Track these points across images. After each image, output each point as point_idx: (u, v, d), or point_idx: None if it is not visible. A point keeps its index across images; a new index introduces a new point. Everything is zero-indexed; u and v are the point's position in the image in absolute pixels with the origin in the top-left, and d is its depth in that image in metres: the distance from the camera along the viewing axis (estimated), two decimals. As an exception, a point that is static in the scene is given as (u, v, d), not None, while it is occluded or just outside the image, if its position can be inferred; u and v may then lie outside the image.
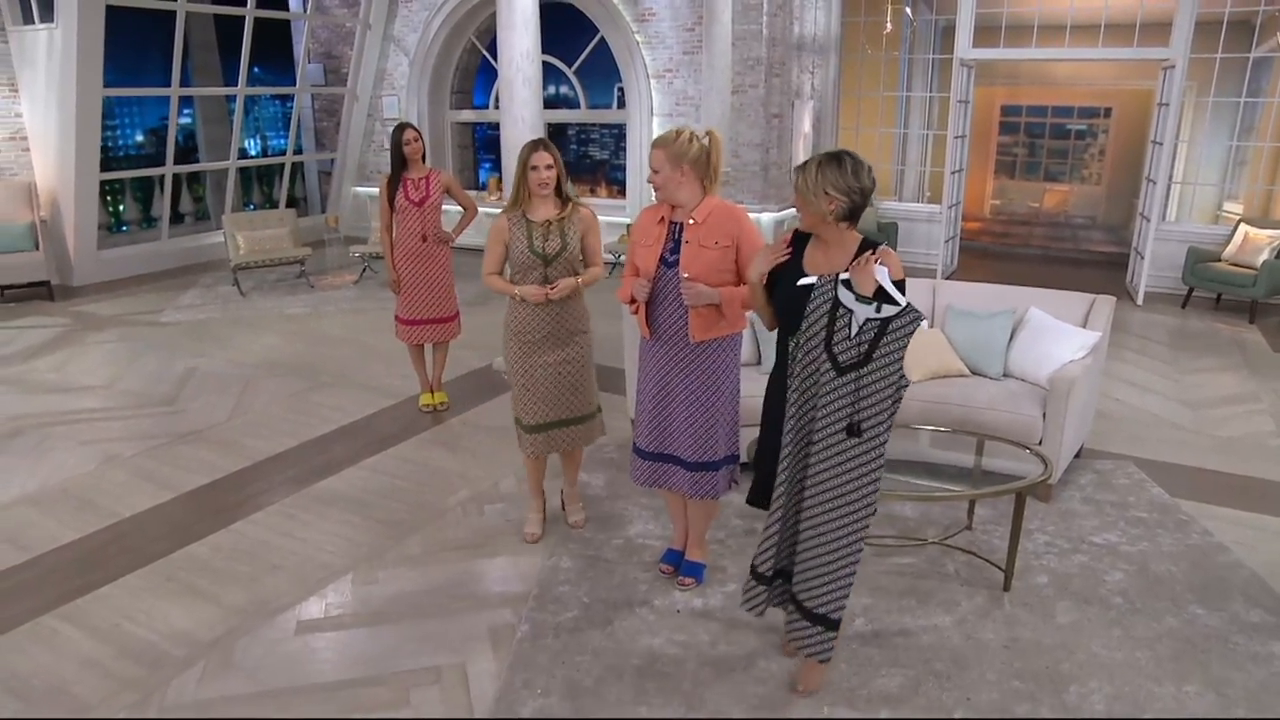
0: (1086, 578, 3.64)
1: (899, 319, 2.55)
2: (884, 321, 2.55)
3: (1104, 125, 13.17)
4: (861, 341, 2.57)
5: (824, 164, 2.64)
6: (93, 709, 2.86)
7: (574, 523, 4.02)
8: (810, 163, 2.68)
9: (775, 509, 2.77)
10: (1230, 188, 9.80)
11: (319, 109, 11.84)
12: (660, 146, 3.14)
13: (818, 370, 2.64)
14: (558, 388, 3.74)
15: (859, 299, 2.56)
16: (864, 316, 2.56)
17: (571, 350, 3.75)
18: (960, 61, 8.85)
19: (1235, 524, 4.12)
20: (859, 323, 2.57)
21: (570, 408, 3.80)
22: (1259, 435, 5.27)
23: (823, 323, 2.62)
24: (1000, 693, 2.94)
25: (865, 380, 2.58)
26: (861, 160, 2.68)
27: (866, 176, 2.67)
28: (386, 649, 3.17)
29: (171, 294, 8.62)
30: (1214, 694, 2.95)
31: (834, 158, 2.67)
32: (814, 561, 2.72)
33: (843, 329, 2.59)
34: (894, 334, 2.55)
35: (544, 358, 3.71)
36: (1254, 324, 7.68)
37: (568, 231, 3.64)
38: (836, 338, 2.60)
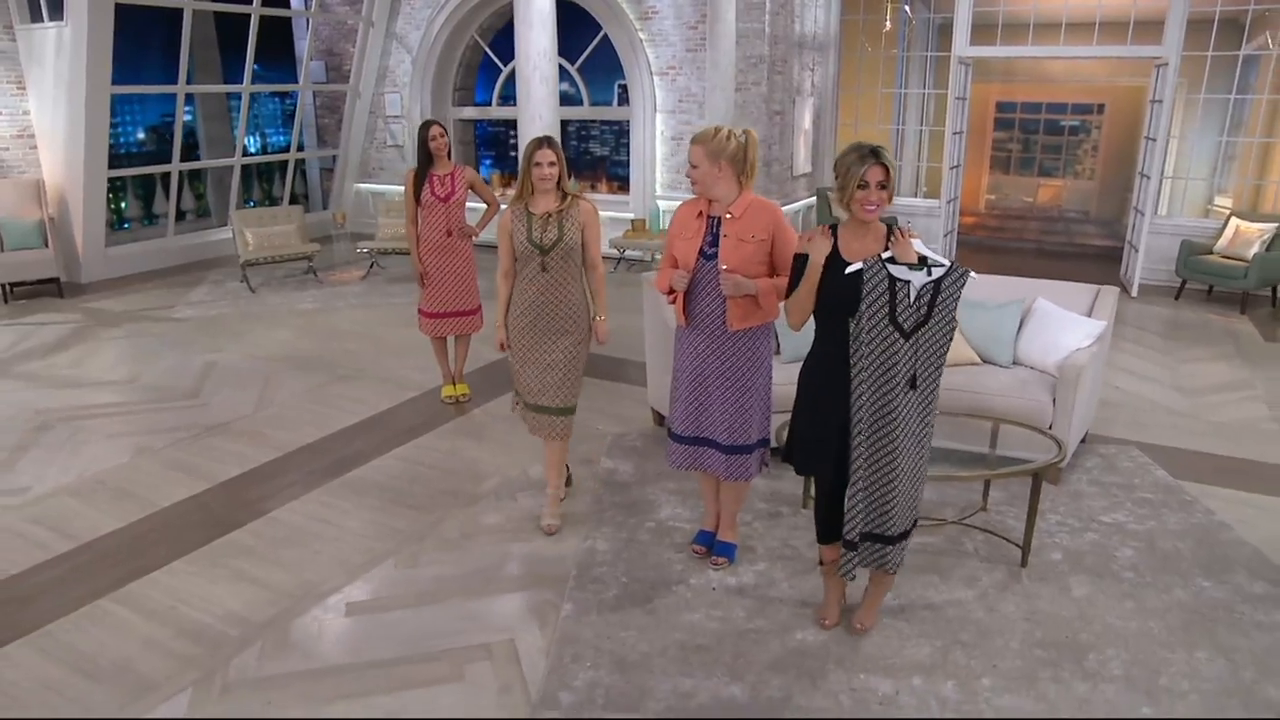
0: (1098, 554, 3.82)
1: (949, 276, 2.83)
2: (937, 282, 2.81)
3: (1097, 121, 13.42)
4: (921, 305, 2.83)
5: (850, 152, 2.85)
6: (158, 686, 2.98)
7: (544, 527, 3.98)
8: (848, 154, 2.86)
9: (856, 481, 2.96)
10: (1220, 182, 10.03)
11: (320, 106, 11.90)
12: (699, 143, 3.27)
13: (887, 340, 2.84)
14: (533, 371, 3.88)
15: (911, 268, 2.80)
16: (920, 282, 2.81)
17: (563, 342, 3.86)
18: (959, 59, 9.03)
19: (1235, 503, 4.31)
20: (916, 289, 2.80)
21: (554, 397, 3.89)
22: (1254, 420, 5.47)
23: (884, 299, 2.82)
24: (1024, 660, 3.11)
25: (924, 338, 2.85)
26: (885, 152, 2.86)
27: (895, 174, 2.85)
28: (435, 628, 3.30)
29: (181, 290, 8.68)
30: (1223, 659, 3.13)
31: (860, 150, 2.84)
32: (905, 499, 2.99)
33: (903, 299, 2.81)
34: (948, 290, 2.83)
35: (531, 340, 3.87)
36: (1245, 314, 7.90)
37: (565, 224, 3.78)
38: (899, 308, 2.82)
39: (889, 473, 2.92)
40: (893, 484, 2.93)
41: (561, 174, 3.76)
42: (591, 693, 2.92)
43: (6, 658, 3.12)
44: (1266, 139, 9.28)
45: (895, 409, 2.87)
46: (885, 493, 2.96)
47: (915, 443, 2.95)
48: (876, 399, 2.89)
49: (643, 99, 9.93)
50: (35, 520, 4.12)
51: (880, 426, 2.89)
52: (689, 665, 3.06)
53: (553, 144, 3.76)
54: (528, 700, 2.89)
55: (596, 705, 2.86)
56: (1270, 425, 5.38)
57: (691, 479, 4.49)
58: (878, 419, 2.89)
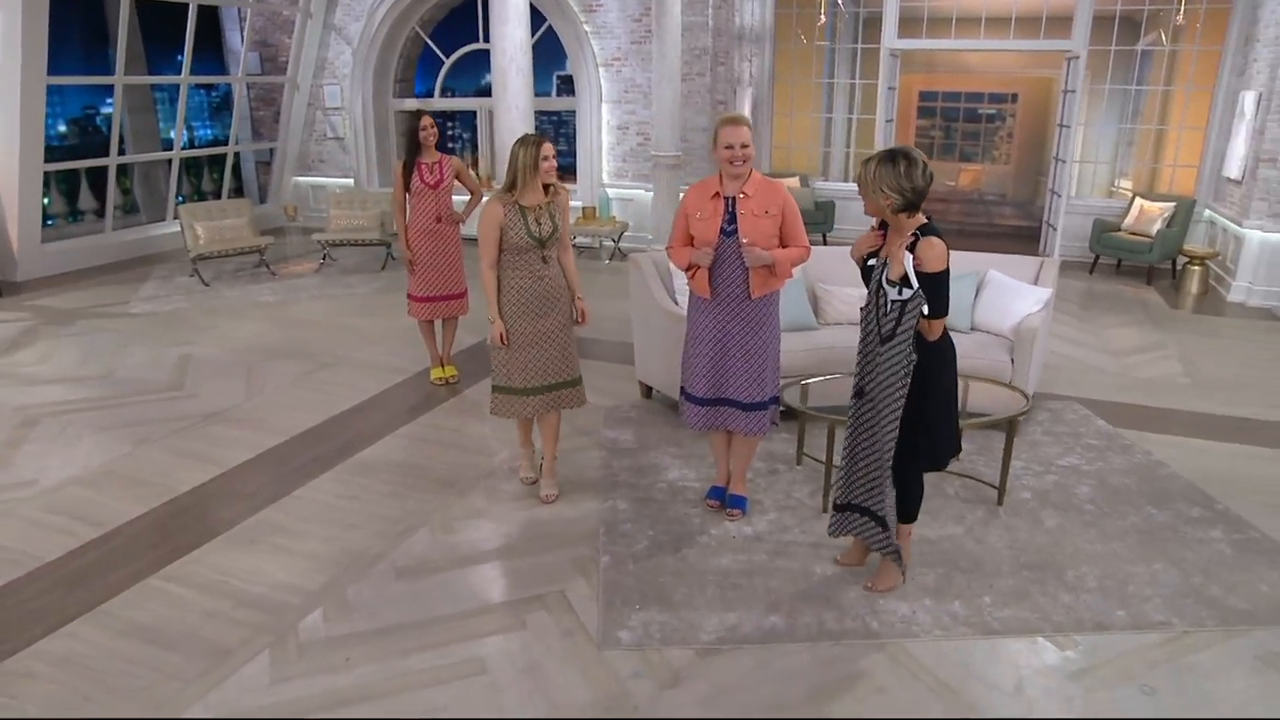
0: (1060, 492, 4.32)
1: (911, 302, 3.04)
2: (903, 303, 3.04)
3: (1011, 110, 14.36)
4: (891, 317, 3.08)
5: (881, 164, 2.99)
6: (233, 651, 3.12)
7: (544, 496, 4.21)
8: (871, 160, 3.04)
9: (844, 449, 3.37)
10: (1121, 165, 10.94)
11: (255, 98, 11.68)
12: (746, 125, 3.58)
13: (871, 335, 3.18)
14: (548, 352, 4.07)
15: (889, 282, 3.07)
16: (890, 298, 3.07)
17: (558, 318, 4.07)
18: (890, 51, 9.59)
19: (1165, 445, 4.90)
20: (889, 302, 3.08)
21: (561, 372, 4.12)
22: (1171, 375, 6.15)
23: (872, 297, 3.16)
24: (1015, 580, 3.55)
25: (890, 350, 3.10)
26: (916, 160, 2.99)
27: (920, 176, 2.98)
28: (486, 585, 3.53)
29: (128, 286, 8.49)
30: (1175, 569, 3.65)
31: (890, 158, 3.00)
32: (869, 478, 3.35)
33: (883, 304, 3.12)
34: (909, 315, 3.05)
35: (533, 325, 4.00)
36: (1151, 285, 8.73)
37: (555, 214, 3.98)
38: (880, 311, 3.13)
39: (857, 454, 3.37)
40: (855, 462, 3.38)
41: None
42: (647, 630, 3.21)
43: (72, 635, 3.20)
44: (1161, 126, 10.18)
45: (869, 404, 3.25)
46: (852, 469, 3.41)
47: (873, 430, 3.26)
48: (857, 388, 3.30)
49: (589, 90, 10.16)
50: (53, 510, 4.14)
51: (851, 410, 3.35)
52: (728, 602, 3.39)
53: (549, 139, 3.98)
54: (590, 640, 3.16)
55: (654, 640, 3.15)
56: (1184, 380, 6.07)
57: (690, 444, 4.82)
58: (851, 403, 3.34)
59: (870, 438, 3.29)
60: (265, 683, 2.95)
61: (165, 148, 12.58)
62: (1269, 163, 7.84)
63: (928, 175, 3.03)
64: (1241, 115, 8.45)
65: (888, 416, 3.16)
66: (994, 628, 3.25)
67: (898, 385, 3.13)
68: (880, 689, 2.92)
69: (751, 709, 2.82)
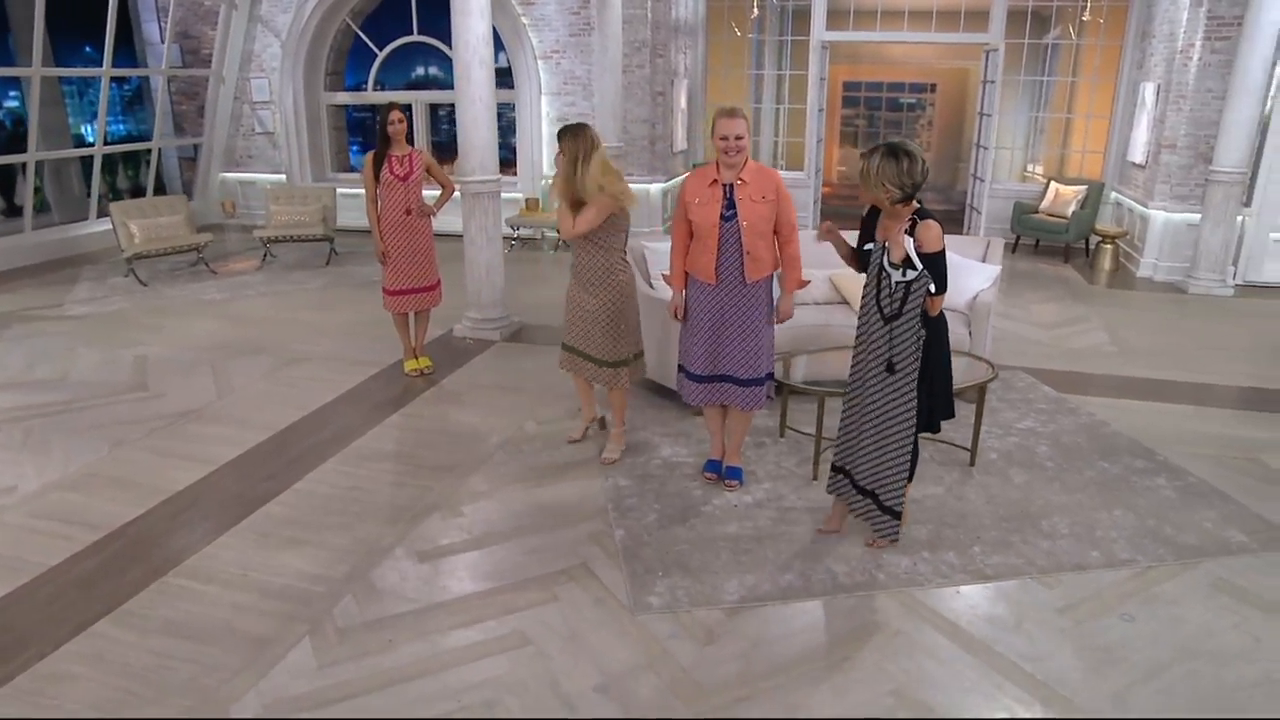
0: (1023, 452, 4.70)
1: (915, 283, 3.26)
2: (908, 284, 3.27)
3: (931, 99, 15.05)
4: (895, 299, 3.30)
5: (884, 159, 3.20)
6: (271, 640, 3.15)
7: (603, 459, 4.53)
8: (874, 155, 3.23)
9: (843, 420, 3.61)
10: (1033, 152, 11.66)
11: (176, 91, 11.24)
12: (742, 117, 3.76)
13: (871, 318, 3.41)
14: (579, 322, 4.40)
15: (892, 265, 3.29)
16: (894, 280, 3.29)
17: (593, 299, 4.31)
18: (821, 43, 9.96)
19: (1105, 407, 5.36)
20: (894, 283, 3.30)
21: (588, 345, 4.40)
22: (1098, 345, 6.68)
23: (874, 281, 3.38)
24: (998, 530, 3.88)
25: (898, 330, 3.33)
26: (916, 156, 3.20)
27: (919, 171, 3.20)
28: (509, 563, 3.64)
29: (58, 288, 8.13)
30: (1133, 514, 4.05)
31: (892, 153, 3.21)
32: (876, 460, 3.55)
33: (886, 287, 3.32)
34: (914, 294, 3.28)
35: (574, 293, 4.40)
36: (1068, 263, 9.37)
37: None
38: (883, 294, 3.35)
39: (862, 432, 3.56)
40: (862, 438, 3.56)
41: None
42: (674, 594, 3.39)
43: (100, 635, 3.17)
44: (1069, 115, 10.90)
45: (868, 385, 3.46)
46: (858, 442, 3.58)
47: (886, 419, 3.44)
48: (864, 370, 3.47)
49: (528, 82, 10.20)
50: (42, 516, 4.03)
51: (857, 393, 3.54)
52: (743, 565, 3.60)
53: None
54: (623, 607, 3.32)
55: (683, 603, 3.33)
56: (1111, 348, 6.60)
57: (676, 422, 5.02)
58: (856, 387, 3.53)
59: (877, 414, 3.47)
60: (313, 668, 3.00)
61: (76, 143, 12.02)
62: (1170, 149, 8.53)
63: (925, 170, 3.26)
64: (1143, 105, 9.15)
65: (901, 399, 3.40)
66: (987, 573, 3.56)
67: (909, 365, 3.35)
68: (898, 632, 3.19)
69: (788, 658, 3.04)
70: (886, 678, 2.94)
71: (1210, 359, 6.34)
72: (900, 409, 3.43)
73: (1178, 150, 8.48)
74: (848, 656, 3.05)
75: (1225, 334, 7.00)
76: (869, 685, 2.91)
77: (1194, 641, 3.15)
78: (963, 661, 3.03)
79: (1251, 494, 4.25)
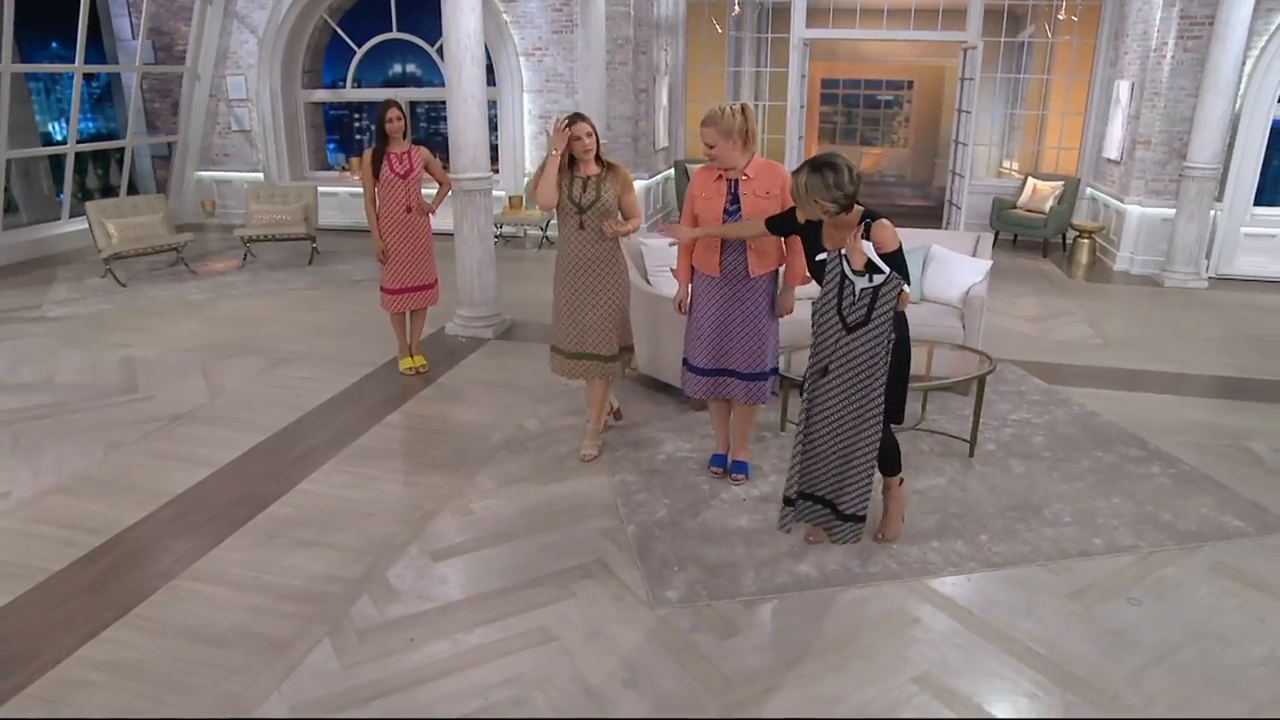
0: (1020, 442, 4.78)
1: (885, 286, 3.21)
2: (875, 289, 3.23)
3: (908, 96, 15.23)
4: (861, 306, 3.25)
5: (809, 175, 3.25)
6: (290, 643, 3.12)
7: (582, 455, 4.49)
8: (800, 174, 3.29)
9: (796, 444, 3.52)
10: (1008, 148, 11.84)
11: (149, 89, 11.02)
12: (710, 125, 3.77)
13: (831, 329, 3.34)
14: (582, 322, 4.32)
15: (856, 272, 3.23)
16: (860, 286, 3.25)
17: (594, 296, 4.29)
18: (802, 41, 10.04)
19: (1095, 397, 5.47)
20: (858, 291, 3.25)
21: (589, 344, 4.35)
22: (1083, 337, 6.82)
23: (834, 291, 3.31)
24: (1002, 520, 3.95)
25: (865, 337, 3.28)
26: (842, 168, 3.23)
27: (849, 181, 3.24)
28: (524, 560, 3.64)
29: (34, 290, 7.95)
30: (1131, 501, 4.14)
31: (816, 170, 3.25)
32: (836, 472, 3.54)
33: (849, 296, 3.27)
34: (884, 298, 3.22)
35: (570, 291, 4.32)
36: (1046, 258, 9.54)
37: (602, 188, 4.20)
38: (845, 303, 3.28)
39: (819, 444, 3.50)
40: (819, 452, 3.51)
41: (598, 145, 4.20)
42: (693, 588, 3.41)
43: (113, 640, 3.12)
44: (1044, 112, 11.08)
45: (834, 396, 3.39)
46: (813, 458, 3.53)
47: (848, 430, 3.41)
48: (814, 381, 3.43)
49: (510, 79, 10.15)
50: (41, 521, 3.95)
51: (808, 401, 3.47)
52: (757, 557, 3.63)
53: (586, 118, 4.16)
54: (642, 602, 3.33)
55: (702, 596, 3.36)
56: (1095, 340, 6.74)
57: (676, 417, 5.04)
58: (808, 395, 3.47)
59: (839, 425, 3.43)
60: (336, 669, 2.98)
61: (44, 142, 11.73)
62: (1144, 145, 8.72)
63: (855, 178, 3.29)
64: (1117, 102, 9.34)
65: (871, 405, 3.35)
66: (996, 561, 3.62)
67: (879, 370, 3.29)
68: (915, 619, 3.24)
69: (810, 648, 3.07)
70: (909, 665, 2.99)
71: (1191, 350, 6.50)
72: (866, 416, 3.38)
73: (1152, 146, 8.67)
74: (869, 645, 3.09)
75: (1202, 325, 7.18)
76: (892, 673, 2.95)
77: (1201, 623, 3.23)
78: (980, 647, 3.09)
79: (1243, 480, 4.37)
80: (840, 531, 3.64)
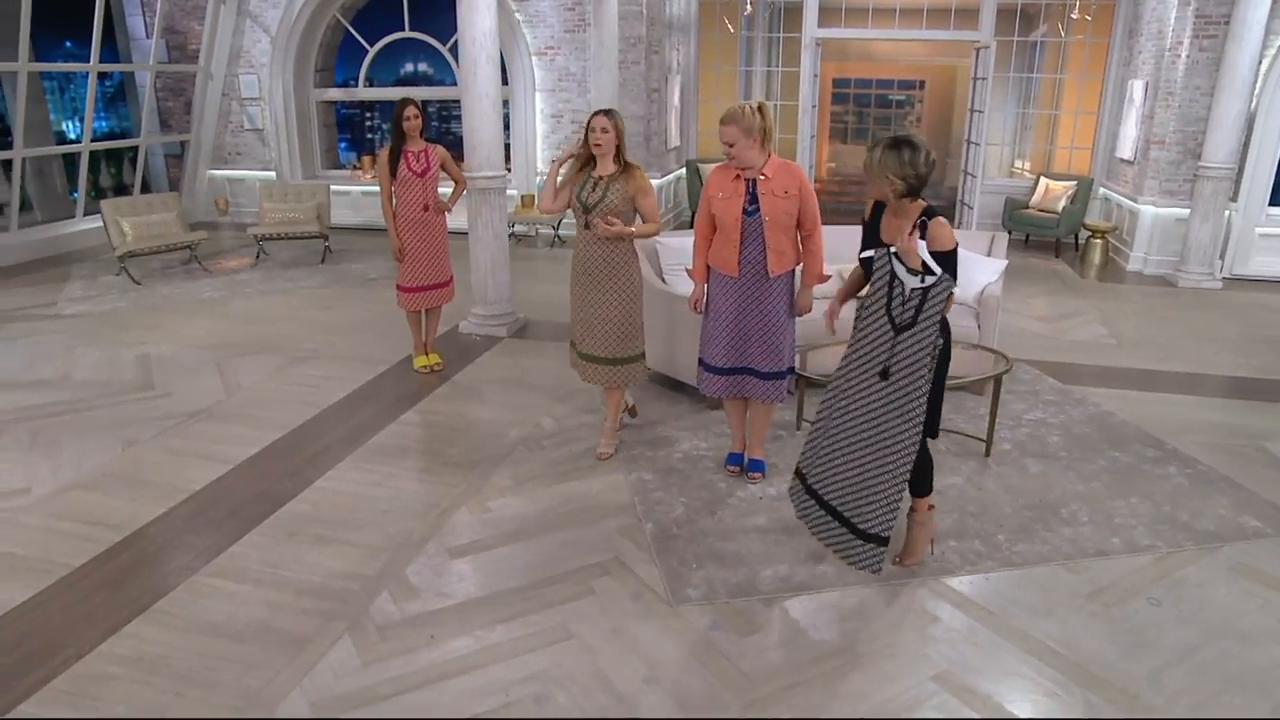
0: (1035, 442, 4.77)
1: (935, 286, 3.04)
2: (925, 289, 3.06)
3: (919, 96, 15.20)
4: (910, 307, 3.09)
5: (886, 150, 3.14)
6: (310, 639, 3.13)
7: (598, 453, 4.51)
8: (877, 147, 3.19)
9: (817, 424, 3.37)
10: (1020, 148, 11.81)
11: (162, 88, 11.07)
12: (731, 123, 3.76)
13: (879, 328, 3.16)
14: (586, 321, 4.33)
15: (909, 271, 3.06)
16: (910, 286, 3.09)
17: (601, 296, 4.29)
18: (814, 40, 10.02)
19: (1110, 397, 5.45)
20: (908, 290, 3.09)
21: (597, 346, 4.34)
22: (1098, 337, 6.79)
23: (884, 289, 3.14)
24: (1019, 519, 3.94)
25: (910, 339, 3.10)
26: (920, 147, 3.11)
27: (923, 163, 3.10)
28: (543, 557, 3.64)
29: (50, 287, 8.00)
30: (1149, 501, 4.13)
31: (893, 145, 3.13)
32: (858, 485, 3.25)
33: (898, 295, 3.11)
34: (932, 300, 3.05)
35: (580, 291, 4.34)
36: (1059, 258, 9.51)
37: (610, 189, 4.18)
38: (894, 302, 3.11)
39: (841, 445, 3.28)
40: (839, 454, 3.27)
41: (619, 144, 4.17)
42: (712, 585, 3.42)
43: (135, 636, 3.14)
44: (1056, 111, 11.05)
45: (862, 392, 3.19)
46: (831, 457, 3.32)
47: (877, 439, 3.17)
48: (857, 379, 3.23)
49: (522, 79, 10.17)
50: (62, 517, 3.97)
51: (850, 405, 3.25)
52: (775, 555, 3.63)
53: (612, 114, 4.15)
54: (661, 600, 3.34)
55: (721, 594, 3.36)
56: (1109, 340, 6.72)
57: (692, 415, 5.04)
58: (848, 396, 3.26)
59: (871, 430, 3.20)
60: (357, 665, 2.99)
61: (58, 140, 11.80)
62: (1159, 144, 8.68)
63: (930, 161, 3.17)
64: (1131, 101, 9.31)
65: (911, 412, 3.13)
66: (1014, 560, 3.61)
67: (920, 375, 3.10)
68: (935, 619, 3.23)
69: (830, 646, 3.07)
70: (929, 664, 2.99)
71: (1206, 350, 6.47)
72: (905, 424, 3.14)
73: (1167, 146, 8.63)
74: (888, 644, 3.09)
75: (1217, 326, 7.15)
76: (913, 672, 2.95)
77: (1221, 623, 3.22)
78: (1000, 646, 3.08)
79: (1261, 481, 4.35)
80: (859, 554, 3.33)
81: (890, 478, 3.19)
